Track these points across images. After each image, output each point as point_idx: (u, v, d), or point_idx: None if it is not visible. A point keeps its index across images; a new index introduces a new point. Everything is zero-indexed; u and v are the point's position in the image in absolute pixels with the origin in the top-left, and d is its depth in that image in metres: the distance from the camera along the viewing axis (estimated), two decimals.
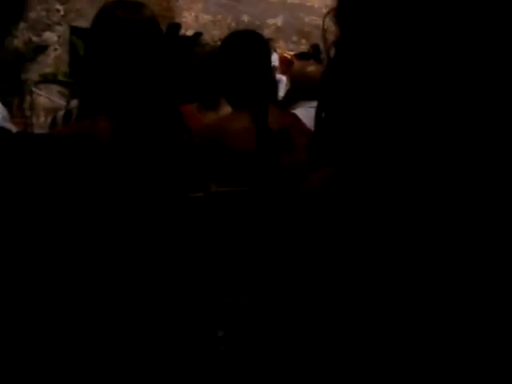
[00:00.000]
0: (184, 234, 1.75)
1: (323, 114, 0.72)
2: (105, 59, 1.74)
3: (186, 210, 1.73)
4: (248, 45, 2.10)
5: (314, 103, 2.90)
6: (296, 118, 2.14)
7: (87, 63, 1.84)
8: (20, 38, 10.80)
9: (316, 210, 0.65)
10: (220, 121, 2.06)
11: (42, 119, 11.61)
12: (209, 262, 1.86)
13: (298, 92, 3.49)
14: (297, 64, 12.28)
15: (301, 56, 12.87)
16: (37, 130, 10.79)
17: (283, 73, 12.58)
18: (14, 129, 1.53)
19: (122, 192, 1.66)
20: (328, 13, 0.72)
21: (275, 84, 2.22)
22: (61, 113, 2.89)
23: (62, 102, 9.97)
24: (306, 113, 3.33)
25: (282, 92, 10.46)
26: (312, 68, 3.55)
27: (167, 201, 1.70)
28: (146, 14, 1.79)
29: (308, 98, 3.44)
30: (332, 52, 0.74)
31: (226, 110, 2.54)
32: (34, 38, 11.41)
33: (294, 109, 3.46)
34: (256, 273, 1.97)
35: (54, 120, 2.99)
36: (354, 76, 0.64)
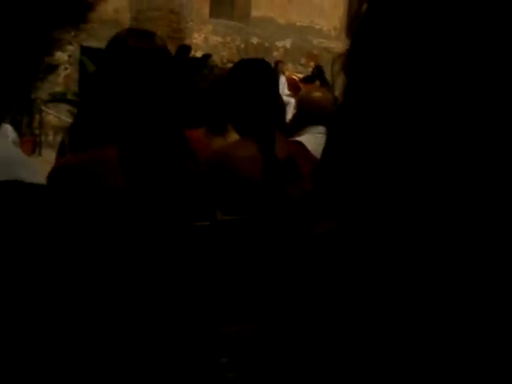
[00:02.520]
0: (190, 262, 1.75)
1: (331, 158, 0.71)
2: (115, 87, 1.75)
3: (192, 238, 1.74)
4: (256, 73, 2.12)
5: (321, 129, 2.92)
6: (302, 146, 2.15)
7: (96, 90, 1.85)
8: None
9: (320, 259, 0.65)
10: (227, 148, 2.07)
11: (51, 137, 11.68)
12: (214, 290, 1.87)
13: (305, 117, 3.49)
14: (303, 89, 12.34)
15: (306, 80, 12.96)
16: (45, 149, 10.84)
17: (291, 95, 12.66)
18: (21, 154, 1.54)
19: (130, 221, 1.67)
20: (338, 58, 0.69)
21: (282, 112, 2.23)
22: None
23: (70, 121, 10.03)
24: (313, 139, 3.34)
25: (290, 114, 10.52)
26: (318, 93, 3.56)
27: (173, 229, 1.71)
28: (157, 44, 1.81)
29: (314, 123, 3.45)
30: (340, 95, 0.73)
31: (234, 135, 2.56)
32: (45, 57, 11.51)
33: (301, 135, 3.47)
34: (260, 301, 1.97)
35: (62, 144, 3.02)
36: (362, 125, 0.64)
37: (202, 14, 13.70)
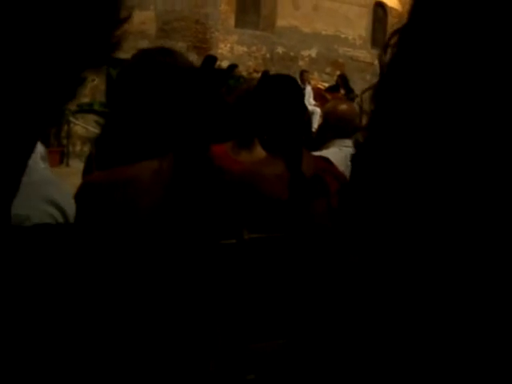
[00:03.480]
0: (217, 280, 1.76)
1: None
2: (143, 102, 1.76)
3: (219, 256, 1.74)
4: (282, 91, 2.11)
5: (348, 142, 2.91)
6: (330, 162, 2.14)
7: (123, 105, 1.86)
8: None
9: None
10: (253, 166, 2.07)
11: (78, 148, 11.81)
12: (241, 308, 1.86)
13: (331, 130, 3.49)
14: (328, 98, 12.34)
15: (331, 89, 12.96)
16: (72, 159, 10.96)
17: (317, 104, 12.66)
18: (48, 169, 1.56)
19: (158, 240, 1.68)
20: (368, 89, 0.68)
21: (309, 128, 2.22)
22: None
23: (97, 132, 10.12)
24: (339, 152, 3.33)
25: (315, 124, 10.51)
26: (344, 106, 3.55)
27: (200, 248, 1.71)
28: (185, 61, 1.82)
29: (340, 136, 3.45)
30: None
31: (260, 149, 2.56)
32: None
33: (328, 148, 3.46)
34: (287, 318, 1.96)
35: (89, 157, 3.04)
36: (392, 149, 0.63)
37: (227, 24, 13.77)
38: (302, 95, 2.21)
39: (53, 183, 1.50)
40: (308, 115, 2.18)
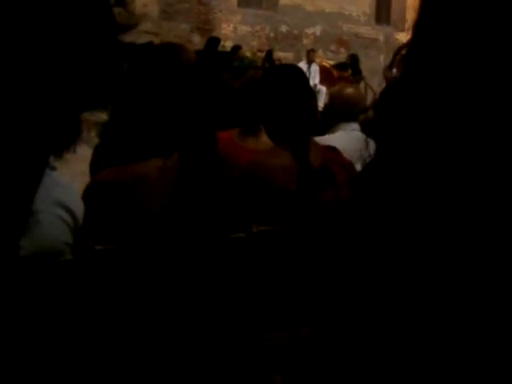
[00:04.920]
0: (227, 273, 1.76)
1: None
2: (149, 97, 1.76)
3: (229, 250, 1.74)
4: (288, 82, 2.10)
5: (355, 125, 2.90)
6: (337, 152, 2.13)
7: (128, 101, 1.86)
8: None
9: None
10: (260, 157, 2.06)
11: (85, 133, 11.79)
12: (251, 300, 1.87)
13: (337, 113, 3.47)
14: (335, 75, 12.25)
15: (339, 66, 12.87)
16: (79, 145, 10.95)
17: (323, 82, 12.59)
18: (60, 179, 1.56)
19: (167, 235, 1.68)
20: (400, 49, 0.68)
21: (316, 118, 2.21)
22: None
23: (103, 116, 10.11)
24: (347, 136, 3.32)
25: (321, 102, 10.47)
26: (350, 90, 3.53)
27: (210, 242, 1.72)
28: (190, 56, 1.81)
29: (347, 119, 3.43)
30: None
31: (267, 137, 2.55)
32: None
33: (334, 131, 3.45)
34: (297, 309, 1.97)
35: (96, 149, 3.04)
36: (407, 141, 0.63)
37: (230, 3, 13.67)
38: (309, 85, 2.19)
39: (62, 185, 1.50)
40: (315, 103, 2.17)
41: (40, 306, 1.47)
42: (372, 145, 0.75)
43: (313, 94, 2.20)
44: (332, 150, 2.11)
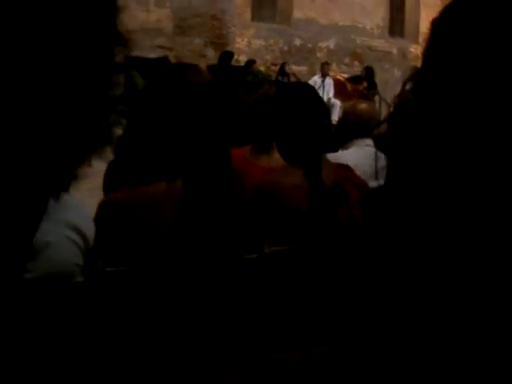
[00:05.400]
0: (239, 295, 1.75)
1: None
2: (163, 120, 1.76)
3: (241, 271, 1.73)
4: (301, 100, 2.09)
5: (368, 141, 2.88)
6: (350, 170, 2.12)
7: (144, 123, 1.86)
8: None
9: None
10: (272, 176, 2.05)
11: None
12: (264, 320, 1.86)
13: (350, 129, 3.46)
14: (349, 89, 12.24)
15: (353, 80, 12.88)
16: (95, 159, 10.97)
17: (337, 95, 12.60)
18: (73, 199, 1.55)
19: (179, 257, 1.67)
20: (410, 77, 0.71)
21: (329, 136, 2.20)
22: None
23: (118, 131, 10.14)
24: (361, 152, 3.31)
25: (335, 116, 10.47)
26: (364, 105, 3.52)
27: (222, 263, 1.71)
28: (205, 76, 1.81)
29: (360, 135, 3.42)
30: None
31: (279, 154, 2.54)
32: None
33: (348, 147, 3.44)
34: (312, 330, 1.95)
35: (109, 167, 3.04)
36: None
37: (243, 18, 13.73)
38: (321, 104, 2.18)
39: (73, 207, 1.50)
40: (328, 121, 2.15)
41: (50, 328, 1.46)
42: (382, 158, 0.77)
43: (326, 112, 2.19)
44: (345, 168, 2.10)
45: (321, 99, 2.23)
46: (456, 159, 0.61)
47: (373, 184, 2.79)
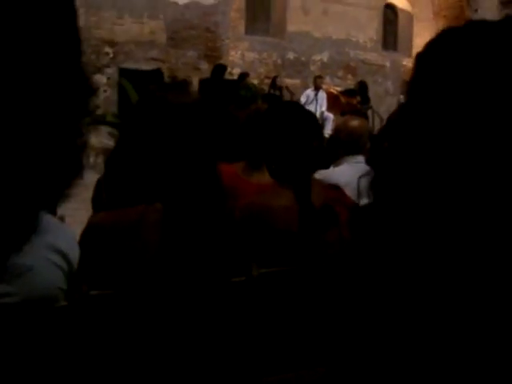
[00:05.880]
0: (227, 318, 1.72)
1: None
2: (153, 142, 1.74)
3: (229, 294, 1.71)
4: (291, 121, 2.08)
5: (359, 158, 2.88)
6: (340, 191, 2.10)
7: (133, 144, 1.84)
8: None
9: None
10: (261, 198, 2.03)
11: (92, 159, 11.83)
12: (254, 342, 1.83)
13: (342, 146, 3.46)
14: (343, 101, 12.26)
15: (347, 93, 12.90)
16: (87, 171, 10.94)
17: (330, 109, 12.62)
18: (58, 223, 1.53)
19: (166, 280, 1.65)
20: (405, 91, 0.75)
21: (319, 156, 2.19)
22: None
23: (110, 143, 10.13)
24: (352, 169, 3.29)
25: (328, 129, 10.46)
26: (355, 122, 3.51)
27: (210, 286, 1.68)
28: (194, 97, 1.80)
29: (351, 152, 3.42)
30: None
31: None
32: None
33: (339, 164, 3.43)
34: (303, 352, 1.93)
35: (98, 183, 3.01)
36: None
37: (237, 31, 13.76)
38: (312, 125, 2.16)
39: (55, 229, 1.47)
40: (318, 143, 2.14)
41: (33, 354, 1.43)
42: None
43: (316, 133, 2.17)
44: (334, 188, 2.08)
45: (312, 120, 2.21)
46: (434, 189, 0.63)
47: (364, 202, 2.77)
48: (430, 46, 0.69)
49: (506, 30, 0.63)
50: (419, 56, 0.70)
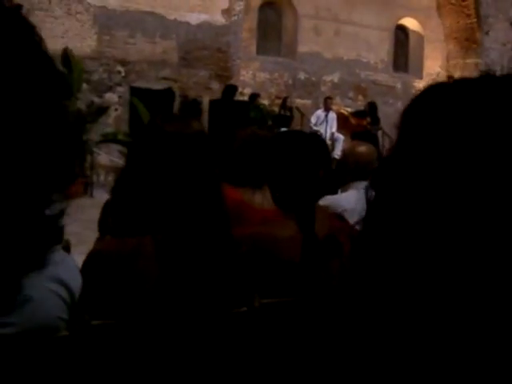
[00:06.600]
0: (228, 349, 1.72)
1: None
2: (152, 173, 1.75)
3: (230, 326, 1.70)
4: (298, 150, 2.08)
5: (367, 184, 2.83)
6: (344, 221, 2.10)
7: (130, 176, 1.85)
8: (82, 99, 11.15)
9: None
10: (264, 228, 2.03)
11: (102, 177, 11.88)
12: (255, 373, 1.82)
13: (349, 172, 3.46)
14: (353, 123, 12.28)
15: (357, 114, 12.93)
16: (97, 189, 11.00)
17: (340, 129, 12.65)
18: (69, 257, 1.53)
19: (165, 312, 1.65)
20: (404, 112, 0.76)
21: (326, 184, 2.19)
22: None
23: (121, 162, 10.16)
24: (358, 194, 3.29)
25: (338, 150, 10.44)
26: (363, 148, 3.52)
27: (211, 317, 1.68)
28: (194, 127, 1.80)
29: (359, 178, 3.41)
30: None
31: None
32: (96, 99, 11.77)
33: (347, 189, 3.43)
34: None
35: (105, 206, 3.02)
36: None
37: (249, 51, 13.85)
38: (318, 153, 2.16)
39: (59, 260, 1.47)
40: (324, 172, 2.14)
41: None
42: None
43: (322, 163, 2.17)
44: (339, 218, 2.08)
45: (318, 148, 2.21)
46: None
47: None
48: (414, 102, 0.70)
49: (491, 89, 0.63)
50: (405, 112, 0.71)
